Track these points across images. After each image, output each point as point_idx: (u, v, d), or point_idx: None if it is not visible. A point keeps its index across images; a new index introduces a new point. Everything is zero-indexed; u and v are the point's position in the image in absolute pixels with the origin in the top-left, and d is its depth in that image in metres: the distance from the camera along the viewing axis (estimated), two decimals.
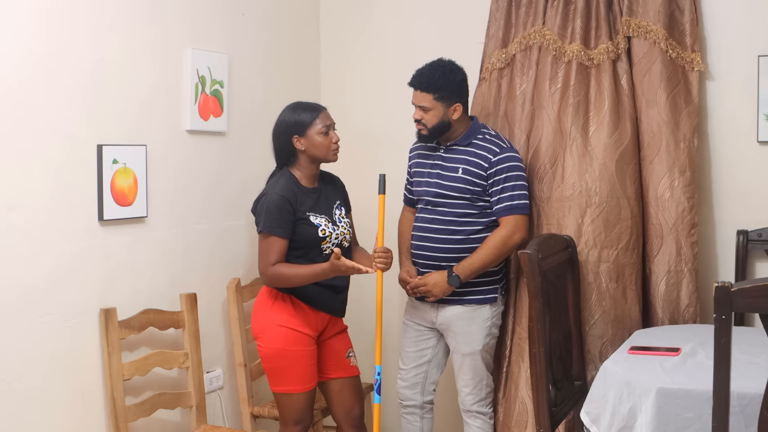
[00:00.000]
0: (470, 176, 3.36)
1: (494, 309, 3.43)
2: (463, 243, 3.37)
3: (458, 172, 3.38)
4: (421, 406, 3.56)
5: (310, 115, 3.20)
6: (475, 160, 3.37)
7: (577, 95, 3.53)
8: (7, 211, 2.70)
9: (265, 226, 3.11)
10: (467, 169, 3.37)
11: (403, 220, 3.65)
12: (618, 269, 3.48)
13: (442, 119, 3.36)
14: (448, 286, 3.33)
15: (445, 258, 3.39)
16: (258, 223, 3.15)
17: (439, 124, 3.37)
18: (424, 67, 3.39)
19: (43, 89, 2.81)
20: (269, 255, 3.11)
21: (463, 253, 3.36)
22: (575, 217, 3.48)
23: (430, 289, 3.35)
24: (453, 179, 3.38)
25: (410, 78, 3.40)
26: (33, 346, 2.80)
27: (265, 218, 3.11)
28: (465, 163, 3.38)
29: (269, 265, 3.11)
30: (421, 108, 3.37)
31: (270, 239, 3.11)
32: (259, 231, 3.14)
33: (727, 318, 2.15)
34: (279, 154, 3.25)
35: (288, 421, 3.22)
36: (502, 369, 3.66)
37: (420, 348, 3.54)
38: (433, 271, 3.39)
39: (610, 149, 3.48)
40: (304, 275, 3.12)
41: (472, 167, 3.36)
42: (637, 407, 2.55)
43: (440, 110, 3.35)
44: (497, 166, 3.35)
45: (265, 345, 3.19)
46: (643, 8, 3.51)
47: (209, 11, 3.53)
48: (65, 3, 2.88)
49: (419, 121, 3.39)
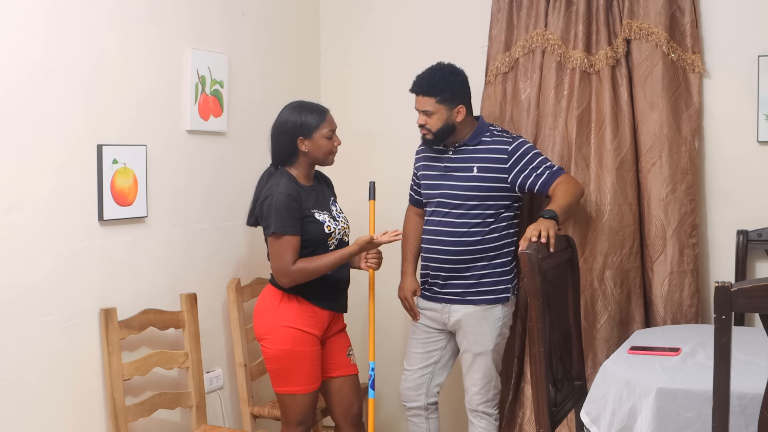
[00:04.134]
0: (487, 173, 3.36)
1: (506, 309, 3.43)
2: (479, 244, 3.36)
3: (473, 171, 3.37)
4: (425, 407, 3.56)
5: (317, 117, 3.19)
6: (490, 156, 3.37)
7: (581, 104, 3.57)
8: (7, 211, 2.70)
9: (278, 227, 3.08)
10: (483, 167, 3.36)
11: (409, 222, 3.65)
12: (622, 274, 3.54)
13: (447, 122, 3.35)
14: (551, 221, 3.08)
15: (458, 261, 3.38)
16: (268, 225, 3.11)
17: (443, 127, 3.36)
18: (424, 71, 3.39)
19: (44, 89, 2.81)
20: (286, 255, 3.09)
21: (478, 254, 3.36)
22: (580, 226, 3.54)
23: (540, 229, 3.01)
24: (468, 179, 3.38)
25: (411, 84, 3.39)
26: (33, 346, 2.80)
27: (276, 219, 3.08)
28: (479, 162, 3.37)
29: (289, 264, 3.09)
30: (424, 112, 3.36)
31: (284, 239, 3.09)
32: (270, 233, 3.10)
33: (727, 318, 2.15)
34: (279, 154, 3.24)
35: (291, 422, 3.21)
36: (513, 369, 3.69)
37: (428, 350, 3.53)
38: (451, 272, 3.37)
39: (611, 157, 3.52)
40: (331, 263, 3.13)
41: (488, 164, 3.36)
42: (637, 407, 2.55)
43: (444, 113, 3.34)
44: (516, 153, 3.36)
45: (272, 346, 3.17)
46: (644, 9, 3.51)
47: (209, 11, 3.53)
48: (65, 3, 2.88)
49: (423, 126, 3.38)
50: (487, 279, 3.38)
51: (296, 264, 3.10)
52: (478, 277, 3.38)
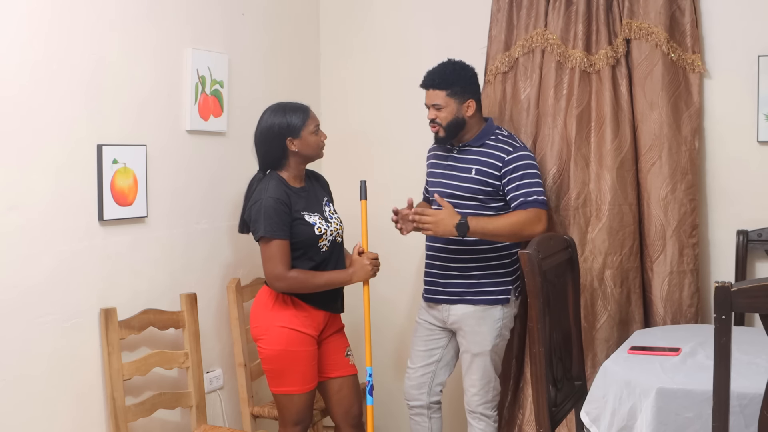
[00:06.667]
0: (483, 176, 3.36)
1: (506, 310, 3.41)
2: (479, 244, 3.36)
3: (471, 173, 3.37)
4: (428, 406, 3.56)
5: (302, 116, 3.19)
6: (488, 160, 3.36)
7: (581, 104, 3.56)
8: (7, 210, 2.70)
9: (267, 231, 3.08)
10: (480, 170, 3.36)
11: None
12: (622, 274, 3.55)
13: (456, 116, 3.35)
14: (452, 228, 3.20)
15: (458, 260, 3.39)
16: (257, 230, 3.12)
17: (453, 122, 3.36)
18: (435, 67, 3.40)
19: (44, 89, 2.81)
20: (277, 260, 3.09)
21: (478, 254, 3.37)
22: (580, 226, 3.55)
23: (434, 222, 3.19)
24: (466, 180, 3.38)
25: (421, 80, 3.40)
26: (33, 346, 2.80)
27: (265, 223, 3.09)
28: (478, 164, 3.37)
29: (283, 269, 3.10)
30: (434, 107, 3.36)
31: (273, 243, 3.09)
32: (259, 237, 3.11)
33: (727, 318, 2.15)
34: (268, 158, 3.22)
35: (288, 422, 3.21)
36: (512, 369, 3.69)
37: (430, 347, 3.53)
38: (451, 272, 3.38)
39: (611, 157, 3.52)
40: (323, 284, 3.15)
41: (485, 167, 3.36)
42: (637, 407, 2.55)
43: (454, 107, 3.35)
44: (511, 164, 3.33)
45: (267, 347, 3.17)
46: (644, 9, 3.51)
47: (209, 11, 3.53)
48: (65, 4, 2.88)
49: (434, 121, 3.38)
50: (487, 279, 3.38)
51: (294, 272, 3.11)
52: (477, 277, 3.38)
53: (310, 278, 3.15)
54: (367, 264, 3.23)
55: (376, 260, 3.27)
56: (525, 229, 3.25)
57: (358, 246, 3.28)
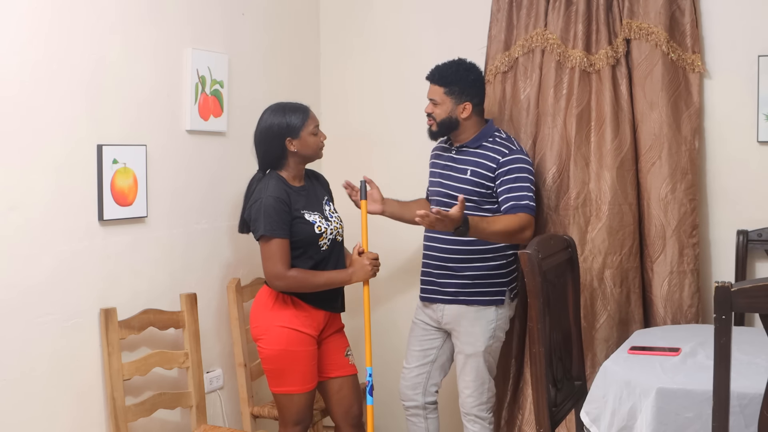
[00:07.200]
0: (478, 178, 3.36)
1: (500, 312, 3.41)
2: (473, 245, 3.36)
3: (467, 174, 3.38)
4: (423, 406, 3.56)
5: (301, 116, 3.20)
6: (483, 161, 3.37)
7: (581, 103, 3.56)
8: (7, 210, 2.70)
9: (266, 230, 3.09)
10: (476, 171, 3.37)
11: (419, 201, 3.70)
12: (622, 274, 3.54)
13: (450, 115, 3.37)
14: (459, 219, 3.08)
15: (453, 260, 3.39)
16: (257, 229, 3.12)
17: (446, 120, 3.38)
18: (443, 63, 3.43)
19: (44, 90, 2.81)
20: (277, 259, 3.09)
21: (472, 255, 3.37)
22: (580, 225, 3.54)
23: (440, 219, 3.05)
24: (461, 181, 3.38)
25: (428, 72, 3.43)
26: (33, 346, 2.80)
27: (264, 222, 3.09)
28: (474, 165, 3.38)
29: (283, 268, 3.10)
30: (432, 101, 3.40)
31: (273, 242, 3.09)
32: (259, 236, 3.11)
33: (727, 318, 2.15)
34: (268, 158, 3.22)
35: (287, 422, 3.22)
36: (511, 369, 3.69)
37: (425, 348, 3.54)
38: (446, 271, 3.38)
39: (611, 157, 3.52)
40: (322, 283, 3.15)
41: (480, 169, 3.36)
42: (637, 407, 2.55)
43: (449, 106, 3.36)
44: (505, 166, 3.33)
45: (267, 347, 3.17)
46: (644, 9, 3.51)
47: (209, 11, 3.53)
48: (65, 4, 2.88)
49: (430, 114, 3.42)
50: (481, 280, 3.37)
51: (293, 271, 3.11)
52: (472, 277, 3.38)
53: (310, 278, 3.15)
54: (367, 264, 3.23)
55: (376, 260, 3.27)
56: (516, 234, 3.27)
57: (358, 246, 3.29)
